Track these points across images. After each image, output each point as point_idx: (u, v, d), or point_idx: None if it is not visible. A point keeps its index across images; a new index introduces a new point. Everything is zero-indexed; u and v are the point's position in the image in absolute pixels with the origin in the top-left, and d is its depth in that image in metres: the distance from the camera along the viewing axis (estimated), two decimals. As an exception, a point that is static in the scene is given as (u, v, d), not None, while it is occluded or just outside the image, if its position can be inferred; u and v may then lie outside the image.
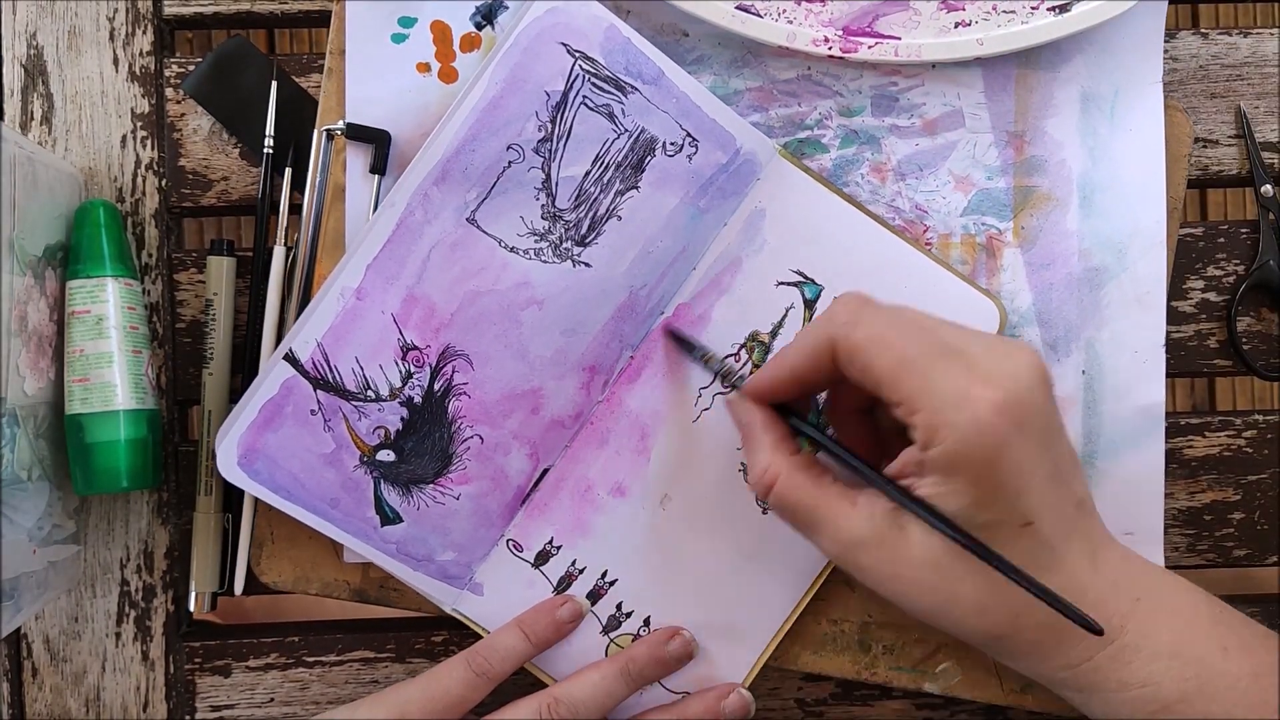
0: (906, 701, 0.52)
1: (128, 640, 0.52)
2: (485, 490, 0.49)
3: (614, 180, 0.48)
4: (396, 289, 0.47)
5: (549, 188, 0.48)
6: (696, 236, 0.49)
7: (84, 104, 0.52)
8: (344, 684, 0.53)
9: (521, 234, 0.48)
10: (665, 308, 0.49)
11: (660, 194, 0.48)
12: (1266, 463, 0.53)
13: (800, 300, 0.49)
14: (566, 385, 0.49)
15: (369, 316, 0.47)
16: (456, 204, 0.47)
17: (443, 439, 0.48)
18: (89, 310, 0.48)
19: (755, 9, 0.49)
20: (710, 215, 0.49)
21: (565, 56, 0.47)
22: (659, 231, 0.48)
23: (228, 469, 0.47)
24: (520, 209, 0.48)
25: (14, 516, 0.45)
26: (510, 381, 0.48)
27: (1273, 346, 0.54)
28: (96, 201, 0.50)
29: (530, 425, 0.49)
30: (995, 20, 0.49)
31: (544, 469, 0.49)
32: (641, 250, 0.48)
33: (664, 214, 0.48)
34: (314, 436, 0.47)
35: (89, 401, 0.47)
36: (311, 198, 0.50)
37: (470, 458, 0.49)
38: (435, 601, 0.50)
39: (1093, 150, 0.50)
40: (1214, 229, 0.53)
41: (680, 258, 0.49)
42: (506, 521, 0.49)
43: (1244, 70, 0.53)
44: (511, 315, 0.48)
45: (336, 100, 0.50)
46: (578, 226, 0.48)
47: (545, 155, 0.47)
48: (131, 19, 0.52)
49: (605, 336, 0.49)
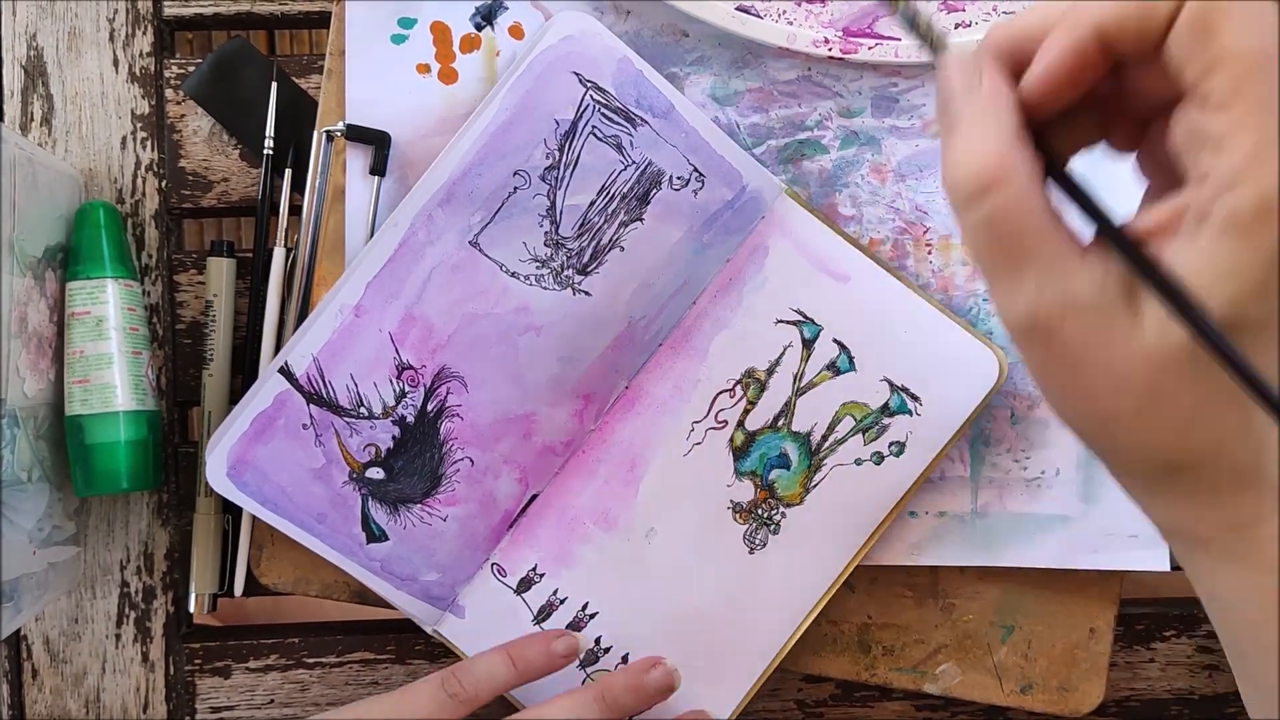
0: (906, 703, 0.52)
1: (127, 641, 0.52)
2: (473, 513, 0.49)
3: (618, 211, 0.48)
4: (395, 308, 0.47)
5: (553, 215, 0.48)
6: (698, 271, 0.49)
7: (84, 105, 0.52)
8: (344, 685, 0.53)
9: (524, 259, 0.48)
10: (663, 340, 0.49)
11: (664, 227, 0.48)
12: (1267, 464, 0.53)
13: (799, 339, 0.49)
14: (560, 412, 0.49)
15: (366, 334, 0.47)
16: (460, 226, 0.47)
17: (433, 459, 0.48)
18: (89, 311, 0.48)
19: (755, 10, 0.49)
20: (713, 250, 0.49)
21: (577, 86, 0.47)
22: (661, 264, 0.48)
23: (216, 479, 0.47)
24: (523, 235, 0.48)
25: (14, 517, 0.45)
26: (504, 405, 0.48)
27: (1273, 347, 0.53)
28: (96, 203, 0.50)
29: (521, 450, 0.49)
30: (995, 21, 0.49)
31: (532, 494, 0.49)
32: (643, 282, 0.48)
33: (667, 247, 0.48)
34: (305, 451, 0.47)
35: (89, 403, 0.47)
36: (311, 199, 0.50)
37: (460, 479, 0.49)
38: (417, 621, 0.49)
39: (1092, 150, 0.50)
40: (1214, 230, 0.53)
41: (681, 291, 0.49)
42: (492, 545, 0.49)
43: (1244, 71, 0.53)
44: (509, 340, 0.48)
45: (336, 101, 0.50)
46: (580, 255, 0.48)
47: (551, 183, 0.47)
48: (131, 20, 0.52)
49: (602, 366, 0.49)
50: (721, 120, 0.50)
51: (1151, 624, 0.54)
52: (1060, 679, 0.50)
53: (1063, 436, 0.50)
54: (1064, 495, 0.50)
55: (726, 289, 0.49)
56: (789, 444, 0.49)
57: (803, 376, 0.49)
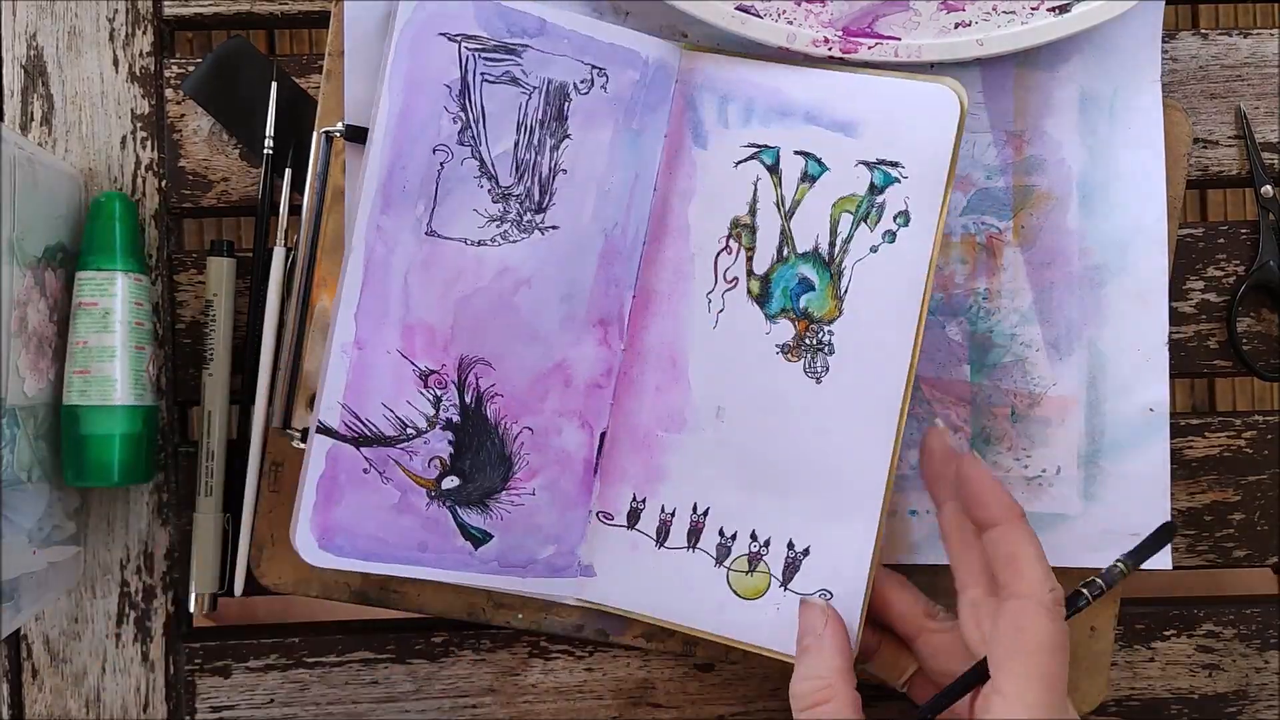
0: (907, 701, 0.52)
1: (128, 641, 0.52)
2: (555, 476, 0.49)
3: (544, 139, 0.48)
4: (390, 325, 0.47)
5: (488, 171, 0.48)
6: (644, 158, 0.49)
7: (84, 105, 0.52)
8: (344, 685, 0.53)
9: (481, 225, 0.48)
10: (644, 236, 0.49)
11: (593, 133, 0.48)
12: (1266, 463, 0.53)
13: (763, 169, 0.48)
14: (586, 348, 0.49)
15: (377, 361, 0.47)
16: (409, 223, 0.47)
17: (495, 445, 0.48)
18: (96, 303, 0.48)
19: (755, 9, 0.49)
20: (648, 133, 0.49)
21: (448, 44, 0.47)
22: (606, 169, 0.49)
23: (313, 555, 0.47)
24: (470, 203, 0.48)
25: (14, 517, 0.45)
26: (533, 365, 0.49)
27: (1273, 347, 0.54)
28: (113, 194, 0.49)
29: (570, 398, 0.49)
30: (995, 20, 0.49)
31: (600, 434, 0.50)
32: (598, 193, 0.49)
33: (604, 150, 0.49)
34: (376, 493, 0.47)
35: (87, 394, 0.47)
36: (311, 200, 0.50)
37: (529, 451, 0.49)
38: (558, 599, 0.50)
39: (1092, 149, 0.50)
40: (1214, 229, 0.53)
41: (636, 184, 0.49)
42: (588, 496, 0.50)
43: (1244, 71, 0.53)
44: (506, 304, 0.48)
45: (335, 102, 0.50)
46: (530, 196, 0.48)
47: (471, 143, 0.47)
48: (131, 19, 0.52)
49: (601, 286, 0.49)
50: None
51: (1151, 624, 0.54)
52: (1061, 678, 0.50)
53: (1063, 435, 0.50)
54: (1065, 493, 0.50)
55: (676, 160, 0.49)
56: (804, 267, 0.48)
57: (784, 201, 0.48)
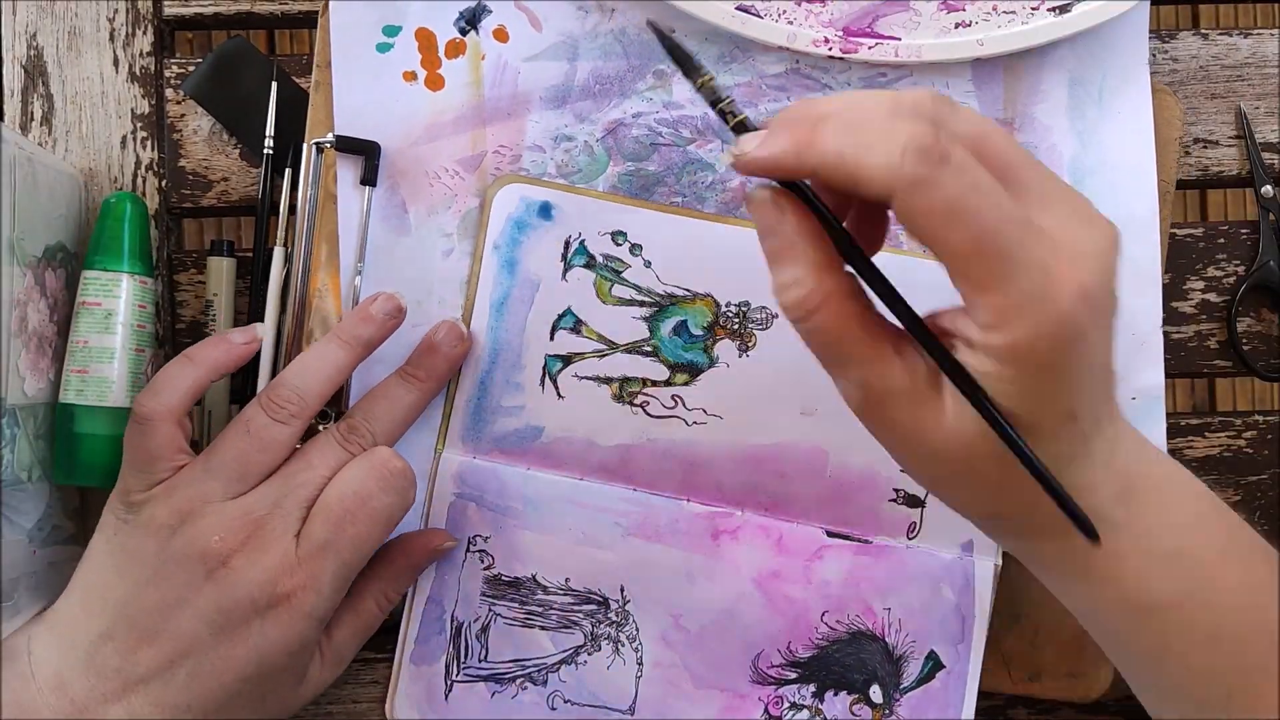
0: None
1: (128, 640, 0.52)
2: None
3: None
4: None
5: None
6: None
7: (84, 105, 0.52)
8: (343, 684, 0.53)
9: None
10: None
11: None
12: (1266, 463, 0.53)
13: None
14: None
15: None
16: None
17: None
18: (100, 304, 0.48)
19: (755, 10, 0.49)
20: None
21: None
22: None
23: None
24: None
25: (14, 517, 0.45)
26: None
27: (1273, 347, 0.54)
28: (124, 195, 0.49)
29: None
30: (995, 21, 0.49)
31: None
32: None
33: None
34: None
35: (84, 394, 0.47)
36: (304, 210, 0.50)
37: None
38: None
39: (1082, 134, 0.50)
40: (1214, 229, 0.53)
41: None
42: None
43: (1244, 71, 0.53)
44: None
45: (325, 113, 0.50)
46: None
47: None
48: (131, 19, 0.52)
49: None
50: (711, 116, 0.50)
51: (1151, 624, 0.54)
52: (1069, 665, 0.50)
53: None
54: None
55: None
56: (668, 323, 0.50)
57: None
